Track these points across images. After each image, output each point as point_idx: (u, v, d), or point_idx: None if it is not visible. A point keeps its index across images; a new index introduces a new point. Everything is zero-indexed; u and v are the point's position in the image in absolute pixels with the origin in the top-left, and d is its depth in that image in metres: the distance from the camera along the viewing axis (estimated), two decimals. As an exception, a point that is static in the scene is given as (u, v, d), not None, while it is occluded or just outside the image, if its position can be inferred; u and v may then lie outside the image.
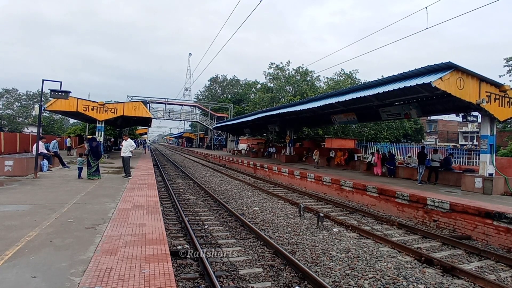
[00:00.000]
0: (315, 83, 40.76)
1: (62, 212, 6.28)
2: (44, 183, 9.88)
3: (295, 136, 29.08)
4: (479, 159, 12.18)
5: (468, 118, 11.98)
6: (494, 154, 11.41)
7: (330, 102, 14.13)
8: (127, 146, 12.26)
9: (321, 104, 14.92)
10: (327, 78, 42.29)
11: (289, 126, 26.70)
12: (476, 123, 14.12)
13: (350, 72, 40.46)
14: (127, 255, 4.15)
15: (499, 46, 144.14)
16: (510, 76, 29.55)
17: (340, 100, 13.31)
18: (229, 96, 66.22)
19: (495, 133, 11.32)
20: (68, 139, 26.85)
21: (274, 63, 41.25)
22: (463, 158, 23.49)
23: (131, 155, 12.20)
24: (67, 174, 12.29)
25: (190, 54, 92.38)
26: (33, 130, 44.95)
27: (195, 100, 71.30)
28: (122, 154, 12.21)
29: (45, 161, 13.06)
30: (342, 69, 42.27)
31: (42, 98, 12.68)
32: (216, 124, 47.92)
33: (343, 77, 40.16)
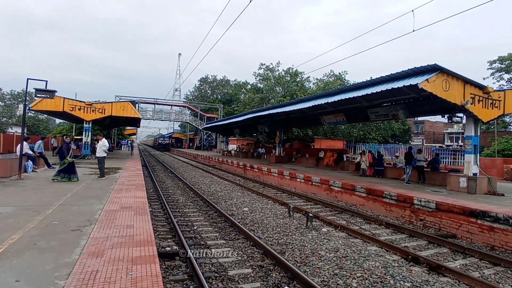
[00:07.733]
0: (304, 84, 41.03)
1: (46, 214, 6.13)
2: (28, 185, 9.64)
3: (284, 137, 29.18)
4: (463, 159, 12.47)
5: (454, 119, 12.23)
6: (478, 155, 11.69)
7: (320, 103, 14.25)
8: (101, 146, 12.17)
9: (311, 105, 15.03)
10: (317, 79, 42.73)
11: (279, 127, 26.79)
12: (461, 124, 14.42)
13: (339, 73, 40.95)
14: (114, 257, 4.08)
15: (489, 48, 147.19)
16: (493, 78, 30.43)
17: (330, 101, 13.44)
18: (219, 97, 66.04)
19: (479, 134, 11.61)
20: (54, 139, 26.31)
21: (264, 64, 41.34)
22: (448, 159, 24.06)
23: (105, 155, 12.13)
24: (52, 175, 12.00)
25: (180, 54, 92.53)
26: (18, 130, 43.79)
27: (185, 100, 70.79)
28: (97, 155, 12.14)
29: (30, 162, 12.74)
30: (331, 70, 42.77)
31: (27, 98, 12.40)
32: (206, 124, 47.67)
33: (333, 78, 40.61)
